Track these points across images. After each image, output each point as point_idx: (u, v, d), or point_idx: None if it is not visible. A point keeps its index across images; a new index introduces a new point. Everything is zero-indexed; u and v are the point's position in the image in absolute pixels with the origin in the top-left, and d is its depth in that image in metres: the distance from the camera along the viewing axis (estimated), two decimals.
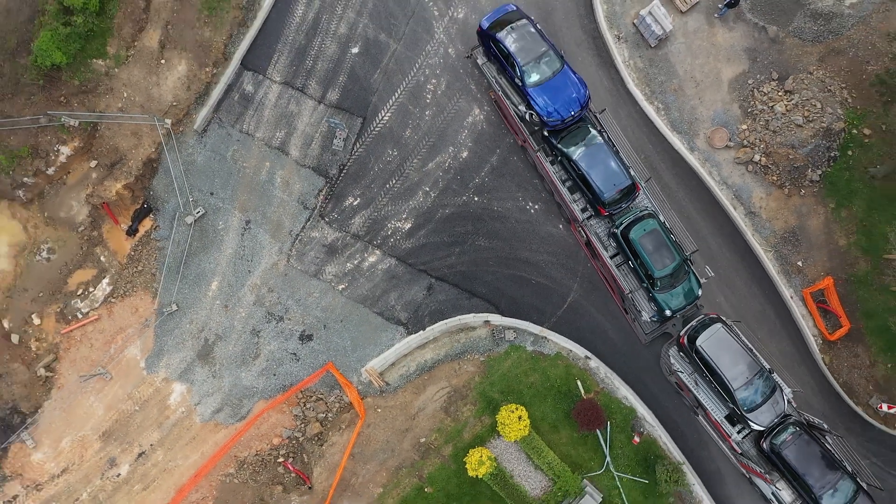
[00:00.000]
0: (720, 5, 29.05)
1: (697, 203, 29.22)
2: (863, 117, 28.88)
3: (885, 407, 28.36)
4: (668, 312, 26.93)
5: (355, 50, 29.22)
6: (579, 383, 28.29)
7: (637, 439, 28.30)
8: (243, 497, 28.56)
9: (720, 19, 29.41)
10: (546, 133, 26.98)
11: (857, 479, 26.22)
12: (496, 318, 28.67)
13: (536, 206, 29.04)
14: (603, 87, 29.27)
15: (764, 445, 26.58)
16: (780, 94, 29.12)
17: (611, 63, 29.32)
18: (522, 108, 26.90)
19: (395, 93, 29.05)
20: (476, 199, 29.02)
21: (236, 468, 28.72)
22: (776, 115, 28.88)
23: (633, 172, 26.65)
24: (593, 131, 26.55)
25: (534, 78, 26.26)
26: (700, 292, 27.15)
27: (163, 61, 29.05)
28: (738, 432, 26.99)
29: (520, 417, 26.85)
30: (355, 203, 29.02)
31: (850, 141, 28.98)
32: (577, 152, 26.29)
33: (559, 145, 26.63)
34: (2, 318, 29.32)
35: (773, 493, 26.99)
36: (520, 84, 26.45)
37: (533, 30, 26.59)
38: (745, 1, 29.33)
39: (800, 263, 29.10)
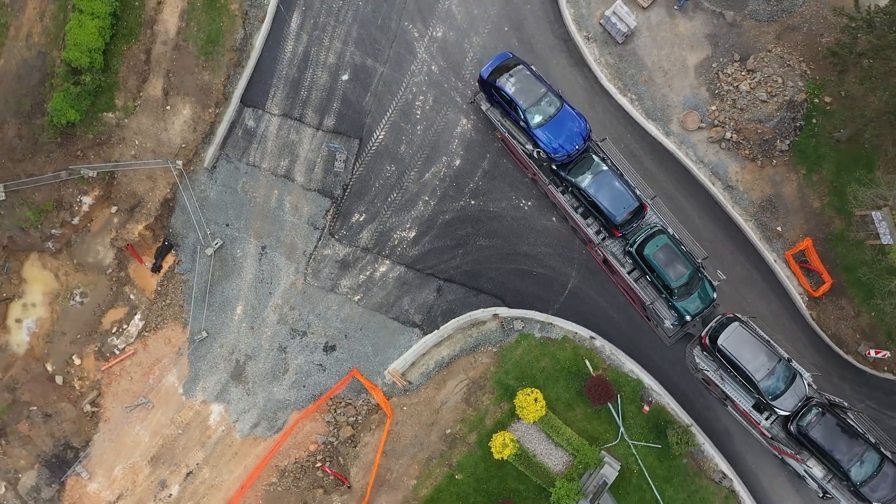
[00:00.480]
0: None
1: (678, 183, 31.32)
2: (822, 86, 31.02)
3: (872, 352, 30.51)
4: (687, 318, 28.92)
5: (345, 77, 31.35)
6: (587, 362, 30.39)
7: (647, 408, 30.38)
8: (288, 503, 30.61)
9: (680, 10, 31.55)
10: (554, 166, 28.99)
11: (881, 449, 28.19)
12: (504, 311, 30.77)
13: (529, 203, 31.15)
14: (578, 86, 31.41)
15: (791, 428, 28.44)
16: (743, 73, 31.25)
17: (583, 63, 31.45)
18: (529, 146, 28.94)
19: (386, 113, 31.18)
20: (472, 202, 31.12)
21: (278, 477, 30.77)
22: (742, 93, 31.01)
23: (639, 193, 28.68)
24: (597, 159, 28.62)
25: (537, 119, 28.31)
26: (715, 295, 29.08)
27: (168, 107, 31.18)
28: (766, 419, 28.90)
29: (536, 400, 28.94)
30: (361, 218, 31.13)
31: (812, 110, 31.13)
32: (585, 181, 28.34)
33: (568, 177, 28.67)
34: (45, 361, 31.42)
35: (805, 471, 28.98)
36: (524, 126, 28.47)
37: (530, 74, 28.63)
38: None
39: (779, 228, 31.21)
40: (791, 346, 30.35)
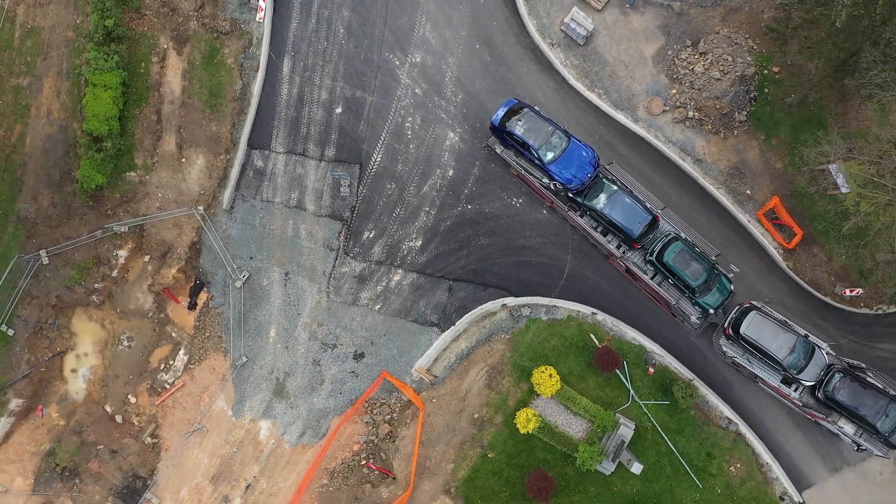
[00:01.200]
0: None
1: (652, 164, 34.44)
2: (769, 59, 34.15)
3: (848, 292, 33.59)
4: (711, 311, 32.00)
5: (339, 110, 34.52)
6: (592, 336, 33.48)
7: (651, 370, 33.45)
8: (340, 501, 33.68)
9: (631, 8, 34.70)
10: (570, 194, 32.13)
11: None
12: (511, 300, 33.88)
13: (520, 201, 34.28)
14: (550, 88, 34.56)
15: (819, 395, 31.44)
16: (696, 57, 34.40)
17: (551, 67, 34.59)
18: (545, 180, 32.13)
19: (380, 137, 34.34)
20: (469, 206, 34.26)
21: (329, 478, 33.85)
22: (697, 75, 34.16)
23: (650, 206, 31.83)
24: (608, 182, 31.84)
25: (549, 156, 31.45)
26: (732, 287, 32.16)
27: (183, 160, 34.37)
28: (795, 390, 31.86)
29: (550, 376, 32.00)
30: (371, 235, 34.28)
31: (763, 81, 34.25)
32: (600, 203, 31.56)
33: (584, 202, 31.87)
34: (103, 404, 34.55)
35: (837, 430, 31.94)
36: (539, 163, 31.63)
37: (536, 115, 31.77)
38: None
39: (748, 191, 34.32)
40: (773, 296, 33.46)
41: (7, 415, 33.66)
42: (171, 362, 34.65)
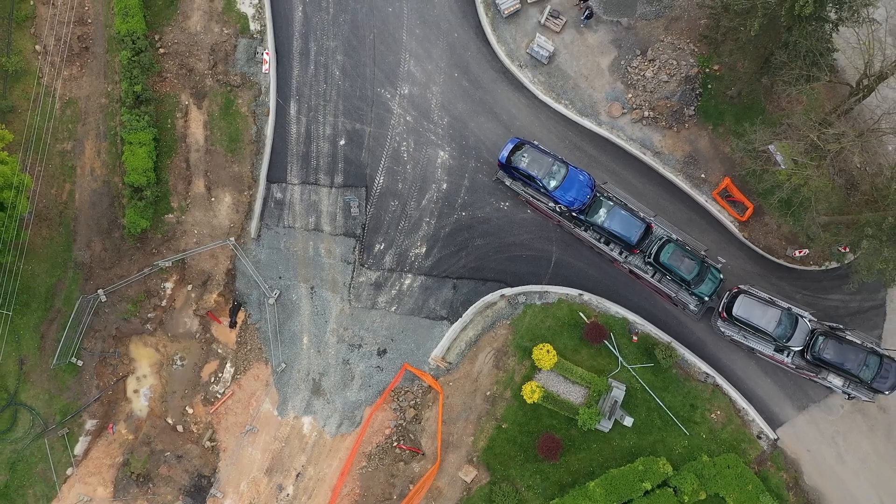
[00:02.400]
0: (581, 19, 39.61)
1: (618, 161, 39.63)
2: (709, 59, 39.37)
3: (797, 253, 38.79)
4: (706, 299, 37.24)
5: (342, 142, 39.79)
6: (581, 314, 38.67)
7: (635, 338, 38.61)
8: (379, 479, 38.86)
9: (585, 27, 39.95)
10: (574, 214, 37.40)
11: (878, 351, 36.31)
12: (508, 291, 39.08)
13: (507, 204, 39.53)
14: (522, 105, 39.81)
15: (808, 357, 36.55)
16: (646, 63, 39.63)
17: (522, 86, 39.84)
18: (551, 204, 37.39)
19: (380, 162, 39.60)
20: (463, 213, 39.49)
21: (367, 460, 39.03)
22: (648, 79, 39.39)
23: (643, 215, 37.07)
24: (604, 199, 37.14)
25: (552, 184, 36.62)
26: (721, 276, 37.38)
27: (213, 199, 39.63)
28: (787, 356, 36.96)
29: (548, 351, 37.17)
30: (381, 247, 39.52)
31: (706, 78, 39.48)
32: (600, 219, 36.84)
33: (587, 219, 37.15)
34: (165, 417, 39.76)
35: (829, 384, 36.97)
36: (544, 190, 36.86)
37: (536, 149, 36.96)
38: (597, 8, 39.88)
39: (703, 175, 39.52)
40: (734, 263, 38.65)
41: (84, 434, 38.90)
42: (219, 375, 39.86)
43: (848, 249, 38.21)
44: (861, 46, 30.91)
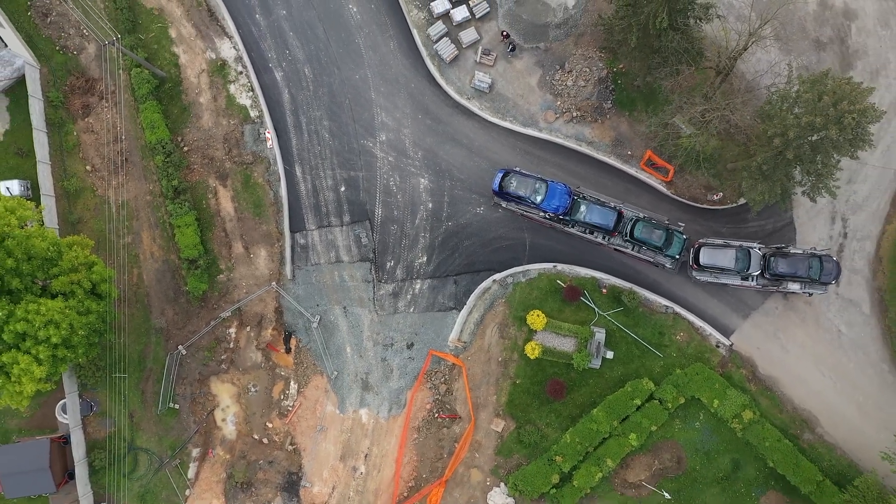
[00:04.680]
0: (507, 51, 49.62)
1: (562, 156, 49.56)
2: (614, 61, 49.41)
3: (715, 196, 48.79)
4: (677, 257, 46.96)
5: (343, 189, 49.73)
6: (558, 281, 48.60)
7: (604, 290, 48.50)
8: (430, 445, 48.67)
9: (512, 57, 49.94)
10: (560, 217, 47.13)
11: (817, 254, 45.99)
12: (498, 276, 48.95)
13: (481, 209, 49.47)
14: (476, 129, 49.78)
15: (767, 276, 46.30)
16: (565, 75, 49.64)
17: (473, 114, 49.81)
18: (541, 214, 47.27)
19: (376, 197, 49.53)
20: (449, 223, 49.42)
21: (417, 433, 48.85)
22: (569, 87, 49.39)
23: (613, 205, 46.90)
24: (581, 199, 46.95)
25: (539, 198, 46.50)
26: (685, 236, 47.05)
27: (251, 255, 49.54)
28: (752, 281, 46.71)
29: (538, 315, 47.04)
30: (392, 264, 49.42)
31: (616, 76, 49.50)
32: (582, 216, 46.76)
33: (571, 218, 46.98)
34: (251, 434, 49.58)
35: (791, 290, 46.57)
36: (533, 205, 46.65)
37: (520, 174, 46.69)
38: (518, 40, 49.88)
39: (629, 153, 49.50)
40: (668, 215, 48.60)
41: (192, 461, 48.73)
42: (287, 392, 49.68)
43: (721, 196, 48.21)
44: (718, 38, 41.02)
